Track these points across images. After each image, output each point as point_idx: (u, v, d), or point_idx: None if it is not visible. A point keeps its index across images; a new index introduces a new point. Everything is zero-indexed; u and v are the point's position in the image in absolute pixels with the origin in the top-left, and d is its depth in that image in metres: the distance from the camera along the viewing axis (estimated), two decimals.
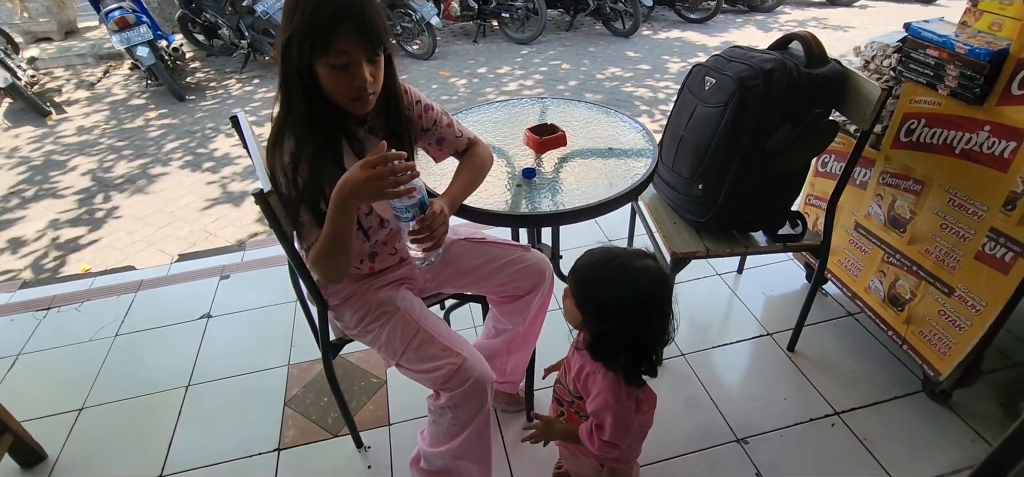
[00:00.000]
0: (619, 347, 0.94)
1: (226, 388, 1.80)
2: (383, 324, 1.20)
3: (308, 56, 0.95)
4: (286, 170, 1.02)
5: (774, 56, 1.38)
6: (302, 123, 1.01)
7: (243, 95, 4.91)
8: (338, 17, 0.92)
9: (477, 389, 1.11)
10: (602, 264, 0.93)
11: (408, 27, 5.52)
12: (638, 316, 0.92)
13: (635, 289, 0.91)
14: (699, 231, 1.62)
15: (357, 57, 0.97)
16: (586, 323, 0.96)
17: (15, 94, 4.44)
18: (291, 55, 0.96)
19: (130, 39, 4.53)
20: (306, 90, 1.00)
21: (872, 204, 1.70)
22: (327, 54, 0.95)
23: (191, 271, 2.37)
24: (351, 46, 0.95)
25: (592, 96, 4.53)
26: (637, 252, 0.95)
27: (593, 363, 1.01)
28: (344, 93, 1.00)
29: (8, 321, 2.13)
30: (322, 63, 0.96)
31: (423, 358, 1.14)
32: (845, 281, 1.86)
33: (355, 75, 0.98)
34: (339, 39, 0.94)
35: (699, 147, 1.48)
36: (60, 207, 3.22)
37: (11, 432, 1.47)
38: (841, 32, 5.95)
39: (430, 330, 1.16)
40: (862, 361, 1.79)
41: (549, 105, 1.81)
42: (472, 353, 1.14)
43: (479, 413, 1.14)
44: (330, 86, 0.99)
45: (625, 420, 0.99)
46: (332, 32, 0.93)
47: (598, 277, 0.93)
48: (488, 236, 1.37)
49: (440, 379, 1.12)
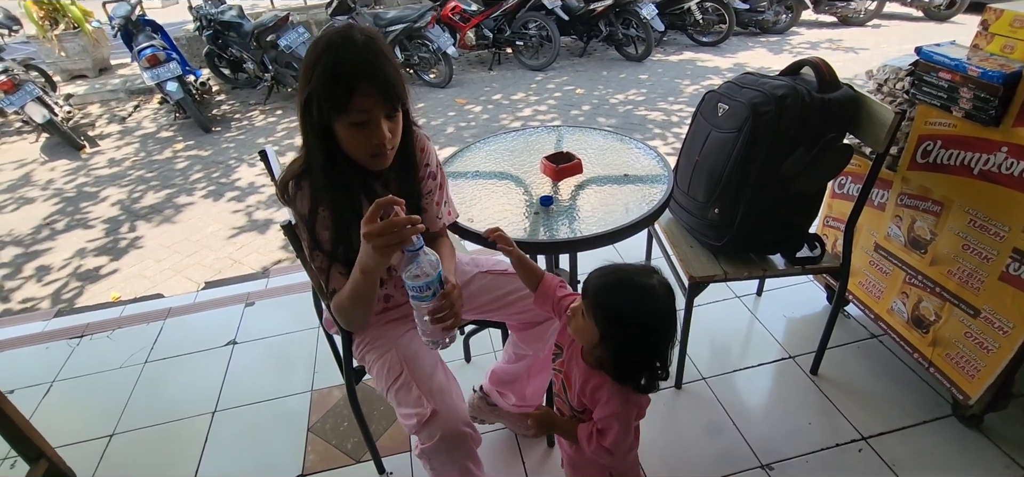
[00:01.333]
0: (641, 363, 0.96)
1: (251, 414, 1.84)
2: (376, 357, 1.22)
3: (327, 115, 0.97)
4: (305, 220, 1.05)
5: (785, 82, 1.41)
6: (320, 176, 1.03)
7: (267, 126, 5.07)
8: (357, 77, 0.93)
9: (445, 444, 1.09)
10: (621, 286, 0.94)
11: (425, 57, 5.66)
12: (659, 332, 0.95)
13: (657, 307, 0.93)
14: (716, 255, 1.63)
15: (376, 115, 0.98)
16: (605, 342, 0.98)
17: (52, 129, 4.64)
18: (310, 113, 0.98)
19: (160, 75, 4.72)
20: (325, 146, 1.01)
21: (891, 225, 1.69)
22: (346, 113, 0.96)
23: (217, 298, 2.43)
24: (370, 105, 0.96)
25: (606, 120, 4.58)
26: (645, 268, 0.97)
27: (601, 376, 1.02)
28: (363, 150, 1.01)
29: (44, 349, 2.20)
30: (341, 121, 0.98)
31: (401, 402, 1.14)
32: (867, 303, 1.84)
33: (374, 132, 0.99)
34: (358, 98, 0.95)
35: (714, 172, 1.49)
36: (90, 237, 3.34)
37: (46, 458, 1.52)
38: (853, 54, 5.93)
39: (414, 374, 1.15)
40: (888, 384, 1.76)
41: (565, 133, 1.85)
42: (448, 405, 1.11)
43: (454, 468, 1.13)
44: (348, 143, 1.01)
45: (628, 428, 1.01)
46: (351, 91, 0.94)
47: (620, 299, 0.94)
48: (509, 268, 1.39)
49: (411, 427, 1.11)
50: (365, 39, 0.96)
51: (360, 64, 0.94)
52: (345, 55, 0.94)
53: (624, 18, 6.01)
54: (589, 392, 1.04)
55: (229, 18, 5.53)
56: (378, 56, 0.96)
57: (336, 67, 0.94)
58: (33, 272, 3.03)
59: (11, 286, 2.91)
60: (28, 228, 3.50)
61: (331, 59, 0.94)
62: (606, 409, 1.00)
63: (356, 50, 0.94)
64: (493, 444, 1.65)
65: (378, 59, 0.96)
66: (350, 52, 0.94)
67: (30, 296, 2.81)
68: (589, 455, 1.06)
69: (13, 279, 2.97)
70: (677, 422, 1.70)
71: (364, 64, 0.94)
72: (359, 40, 0.95)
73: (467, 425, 1.14)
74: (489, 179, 1.60)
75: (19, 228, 3.51)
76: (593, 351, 1.01)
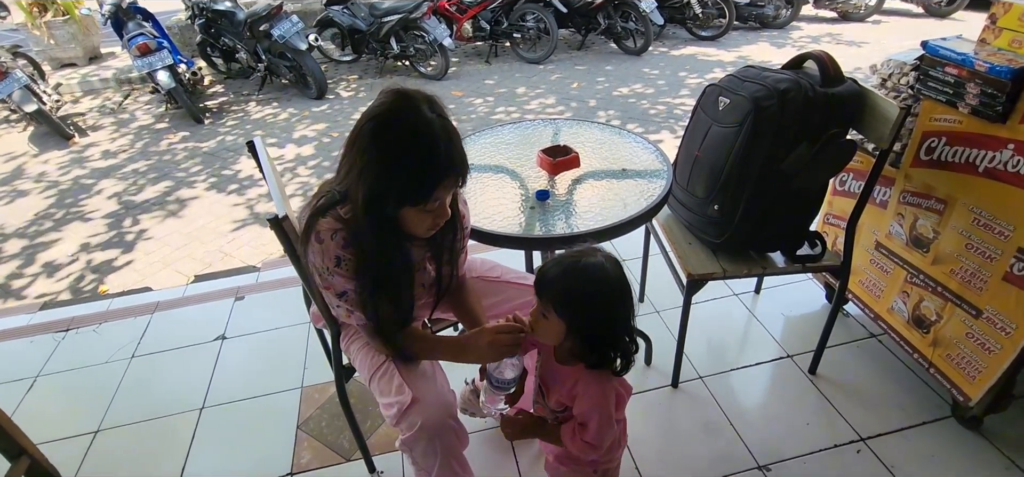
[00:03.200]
0: (610, 337, 0.98)
1: (240, 411, 1.80)
2: (360, 346, 1.20)
3: (399, 204, 0.94)
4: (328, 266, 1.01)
5: (789, 76, 1.37)
6: (371, 241, 0.98)
7: (261, 117, 5.00)
8: (445, 173, 0.92)
9: (426, 433, 1.07)
10: (571, 271, 0.95)
11: (421, 48, 5.59)
12: (617, 301, 0.96)
13: (608, 277, 0.95)
14: (715, 252, 1.60)
15: (448, 197, 0.98)
16: (572, 329, 0.97)
17: (41, 118, 4.56)
18: (381, 207, 0.94)
19: (151, 64, 4.64)
20: (381, 224, 0.97)
21: (893, 223, 1.67)
22: (424, 202, 0.94)
23: (206, 293, 2.39)
24: (446, 191, 0.96)
25: (607, 114, 4.54)
26: (587, 249, 0.98)
27: (575, 370, 1.03)
28: (424, 227, 0.99)
29: (28, 343, 2.16)
30: (414, 208, 0.95)
31: (382, 391, 1.13)
32: (867, 302, 1.82)
33: (440, 213, 0.98)
34: (440, 190, 0.94)
35: (714, 167, 1.46)
36: (84, 230, 3.28)
37: (28, 456, 1.47)
38: (855, 47, 5.91)
39: (397, 362, 1.14)
40: (887, 384, 1.74)
41: (562, 126, 1.81)
42: (431, 393, 1.10)
43: (437, 460, 1.11)
44: (413, 223, 0.98)
45: (609, 418, 1.02)
46: (436, 186, 0.92)
47: (573, 282, 0.94)
48: (503, 275, 1.36)
49: (391, 418, 1.10)
50: (439, 120, 0.91)
51: (449, 159, 0.91)
52: (431, 147, 0.89)
53: (623, 11, 5.95)
54: (566, 390, 1.05)
55: (222, 7, 5.43)
56: (456, 139, 0.93)
57: (427, 166, 0.90)
58: (22, 263, 2.97)
59: (3, 282, 2.85)
60: (21, 221, 3.43)
61: (421, 153, 0.89)
62: (584, 402, 1.02)
63: (437, 140, 0.90)
64: (486, 442, 1.63)
65: (457, 143, 0.93)
66: (435, 144, 0.89)
67: (31, 290, 2.76)
68: (574, 453, 1.06)
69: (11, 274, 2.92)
70: (674, 421, 1.68)
71: (452, 158, 0.92)
72: (436, 124, 0.90)
73: (451, 417, 1.12)
74: (484, 172, 1.56)
75: (11, 221, 3.44)
76: (563, 345, 1.02)
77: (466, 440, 1.19)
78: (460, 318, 1.27)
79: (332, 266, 1.00)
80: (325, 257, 1.00)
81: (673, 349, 1.73)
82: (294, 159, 4.04)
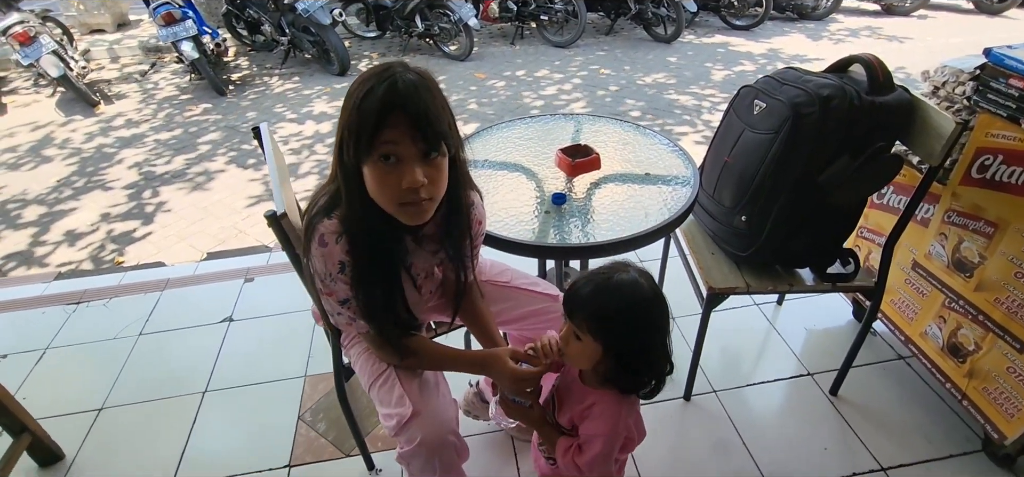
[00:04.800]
0: (648, 359, 0.93)
1: (242, 396, 1.78)
2: (360, 351, 1.15)
3: (355, 154, 0.84)
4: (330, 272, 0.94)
5: (832, 81, 1.26)
6: (356, 226, 0.91)
7: (282, 91, 4.98)
8: (388, 104, 0.81)
9: (425, 449, 1.02)
10: (605, 290, 0.88)
11: (446, 28, 5.49)
12: (657, 319, 0.90)
13: (644, 295, 0.88)
14: (739, 265, 1.51)
15: (407, 151, 0.83)
16: (608, 352, 0.91)
17: (67, 84, 4.59)
18: (344, 157, 0.86)
19: (175, 34, 4.63)
20: (361, 195, 0.89)
21: (934, 243, 1.55)
22: (373, 147, 0.83)
23: (217, 272, 2.37)
24: (399, 136, 0.82)
25: (633, 103, 4.40)
26: (618, 264, 0.91)
27: (597, 393, 0.98)
28: (391, 194, 0.86)
29: (40, 314, 2.17)
30: (369, 161, 0.84)
31: (382, 401, 1.09)
32: (897, 323, 1.71)
33: (404, 173, 0.84)
34: (387, 129, 0.81)
35: (744, 176, 1.36)
36: (104, 199, 3.30)
37: (30, 432, 1.47)
38: (896, 43, 5.63)
39: (399, 371, 1.09)
40: (913, 412, 1.64)
41: (584, 123, 1.72)
42: (432, 408, 1.05)
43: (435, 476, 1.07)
44: (376, 188, 0.86)
45: (608, 455, 0.97)
46: (380, 122, 0.81)
47: (610, 303, 0.88)
48: (512, 280, 1.29)
49: (390, 429, 1.05)
50: (410, 74, 0.83)
51: (393, 93, 0.80)
52: (379, 86, 0.81)
53: None
54: (580, 411, 1.00)
55: None
56: (418, 89, 0.82)
57: (368, 94, 0.81)
58: (42, 233, 3.00)
59: (26, 248, 2.89)
60: (43, 188, 3.47)
61: (364, 90, 0.82)
62: (594, 427, 0.97)
63: (393, 81, 0.81)
64: (487, 445, 1.58)
65: (417, 91, 0.82)
66: (386, 83, 0.81)
67: (51, 258, 2.79)
68: (561, 466, 1.02)
69: (36, 241, 2.95)
70: (684, 436, 1.61)
71: (396, 93, 0.80)
72: (400, 73, 0.82)
73: (452, 434, 1.07)
74: (499, 170, 1.49)
75: (34, 188, 3.48)
76: (596, 370, 0.95)
77: (466, 454, 1.14)
78: (472, 330, 1.22)
79: (335, 272, 0.94)
80: (328, 262, 0.94)
81: (687, 361, 1.65)
82: (312, 136, 4.01)
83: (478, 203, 1.07)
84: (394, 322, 1.03)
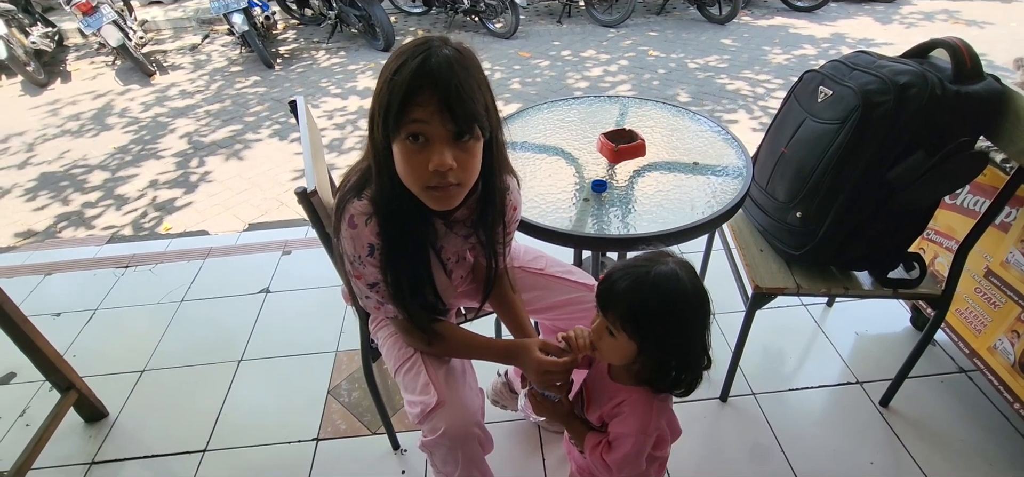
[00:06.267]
0: (685, 365, 0.88)
1: (275, 367, 1.81)
2: (388, 334, 1.13)
3: (384, 130, 0.81)
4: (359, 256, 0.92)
5: (911, 67, 1.13)
6: (386, 206, 0.88)
7: (328, 66, 5.03)
8: (418, 80, 0.76)
9: (448, 440, 0.99)
10: (643, 284, 0.82)
11: (492, 4, 5.41)
12: (697, 314, 0.85)
13: (684, 289, 0.82)
14: (790, 264, 1.41)
15: (436, 132, 0.79)
16: (645, 349, 0.86)
17: (125, 54, 4.78)
18: (374, 133, 0.83)
19: (227, 5, 4.73)
20: (391, 174, 0.85)
21: (1014, 250, 1.40)
22: (401, 125, 0.78)
23: (256, 243, 2.42)
24: (428, 115, 0.77)
25: (683, 87, 4.22)
26: (655, 254, 0.86)
27: (627, 390, 0.93)
28: (417, 178, 0.82)
29: (92, 275, 2.27)
30: (398, 139, 0.81)
31: (407, 387, 1.06)
32: (962, 334, 1.56)
33: (433, 154, 0.79)
34: (416, 107, 0.77)
35: (802, 169, 1.26)
36: (156, 167, 3.42)
37: (76, 390, 1.54)
38: (976, 28, 5.19)
39: (425, 358, 1.06)
40: (973, 430, 1.51)
41: (629, 106, 1.63)
42: (458, 398, 1.02)
43: (458, 468, 1.04)
44: (403, 168, 0.83)
45: (638, 454, 0.92)
46: (408, 99, 0.76)
47: (648, 298, 0.82)
48: (547, 267, 1.23)
49: (414, 417, 1.02)
50: (446, 49, 0.78)
51: (424, 69, 0.76)
52: (412, 60, 0.76)
53: None
54: (610, 408, 0.96)
55: None
56: (453, 65, 0.77)
57: (399, 69, 0.77)
58: (99, 198, 3.14)
59: (76, 211, 3.03)
60: (103, 154, 3.63)
61: (397, 64, 0.77)
62: (623, 426, 0.92)
63: (427, 56, 0.76)
64: (512, 434, 1.54)
65: (451, 68, 0.77)
66: (420, 58, 0.76)
67: (100, 221, 2.91)
68: (590, 462, 0.98)
69: (90, 205, 3.09)
70: (718, 439, 1.53)
71: (428, 70, 0.76)
72: (436, 48, 0.77)
73: (477, 425, 1.04)
74: (539, 153, 1.43)
75: (94, 154, 3.64)
76: (629, 367, 0.91)
77: (490, 445, 1.11)
78: (502, 318, 1.18)
79: (364, 255, 0.92)
80: (357, 245, 0.91)
81: (726, 360, 1.57)
82: (356, 111, 4.04)
83: (514, 188, 1.02)
84: (422, 306, 1.00)
